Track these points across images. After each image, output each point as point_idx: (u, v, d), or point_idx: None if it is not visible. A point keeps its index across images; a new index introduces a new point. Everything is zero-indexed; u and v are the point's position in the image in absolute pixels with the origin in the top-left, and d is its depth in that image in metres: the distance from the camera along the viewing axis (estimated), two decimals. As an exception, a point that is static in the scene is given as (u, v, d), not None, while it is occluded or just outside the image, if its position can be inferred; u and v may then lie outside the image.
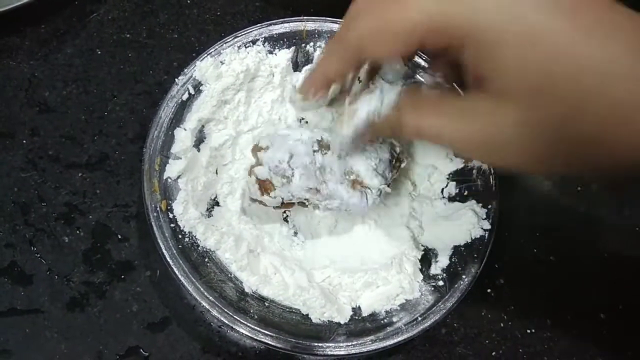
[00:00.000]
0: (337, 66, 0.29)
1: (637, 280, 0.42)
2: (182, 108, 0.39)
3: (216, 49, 0.39)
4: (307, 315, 0.36)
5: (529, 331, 0.40)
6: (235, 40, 0.40)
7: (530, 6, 0.23)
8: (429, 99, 0.29)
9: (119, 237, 0.40)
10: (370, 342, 0.34)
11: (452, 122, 0.26)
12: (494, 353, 0.39)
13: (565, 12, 0.23)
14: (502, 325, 0.40)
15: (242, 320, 0.34)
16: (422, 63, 0.39)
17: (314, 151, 0.34)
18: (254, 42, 0.40)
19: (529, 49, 0.23)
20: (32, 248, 0.39)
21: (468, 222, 0.37)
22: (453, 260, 0.37)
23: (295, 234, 0.39)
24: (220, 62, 0.39)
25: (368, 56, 0.28)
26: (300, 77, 0.41)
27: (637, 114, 0.22)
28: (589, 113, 0.22)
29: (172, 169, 0.37)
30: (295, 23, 0.41)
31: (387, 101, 0.29)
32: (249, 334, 0.34)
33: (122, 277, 0.39)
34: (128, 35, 0.45)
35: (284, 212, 0.39)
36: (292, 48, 0.41)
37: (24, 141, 0.42)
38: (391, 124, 0.29)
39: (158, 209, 0.36)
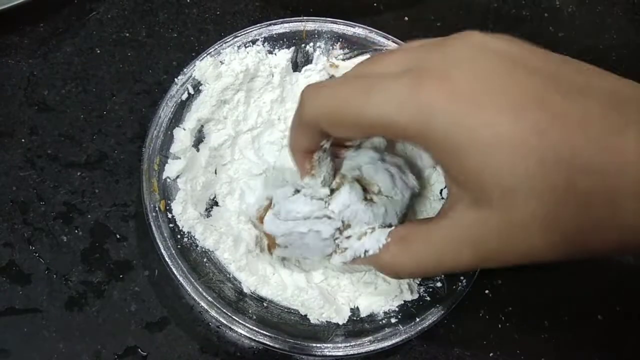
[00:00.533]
0: (306, 141, 0.30)
1: (635, 281, 0.42)
2: (182, 108, 0.39)
3: (216, 48, 0.39)
4: (306, 315, 0.36)
5: (526, 332, 0.40)
6: (235, 40, 0.40)
7: (490, 112, 0.23)
8: (416, 234, 0.29)
9: (118, 236, 0.40)
10: (368, 343, 0.35)
11: (449, 248, 0.27)
12: (491, 354, 0.39)
13: (528, 111, 0.22)
14: (499, 326, 0.40)
15: (240, 321, 0.34)
16: None
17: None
18: (253, 42, 0.40)
19: (498, 154, 0.23)
20: (31, 247, 0.39)
21: (467, 224, 0.37)
22: (451, 261, 0.37)
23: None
24: (220, 61, 0.39)
25: (326, 134, 0.28)
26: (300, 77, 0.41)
27: (612, 203, 0.22)
28: (568, 204, 0.22)
29: (171, 169, 0.37)
30: (295, 23, 0.41)
31: (376, 243, 0.30)
32: (247, 334, 0.34)
33: (121, 276, 0.39)
34: (127, 34, 0.45)
35: None
36: (292, 48, 0.41)
37: (23, 140, 0.42)
38: (381, 268, 0.30)
39: (157, 208, 0.36)
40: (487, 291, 0.41)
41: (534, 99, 0.23)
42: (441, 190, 0.40)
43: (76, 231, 0.39)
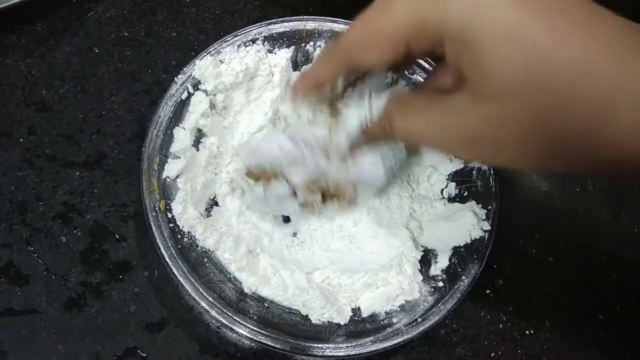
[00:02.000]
0: (327, 71, 0.30)
1: (635, 281, 0.42)
2: (181, 107, 0.38)
3: (215, 47, 0.39)
4: (307, 316, 0.35)
5: (527, 332, 0.40)
6: (235, 39, 0.39)
7: (510, 4, 0.23)
8: (415, 102, 0.29)
9: (117, 236, 0.39)
10: (369, 343, 0.34)
11: (437, 122, 0.27)
12: (492, 354, 0.39)
13: (545, 11, 0.23)
14: (500, 326, 0.40)
15: (241, 321, 0.34)
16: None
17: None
18: (253, 41, 0.40)
19: (509, 47, 0.23)
20: (29, 248, 0.38)
21: (468, 223, 0.37)
22: (453, 261, 0.37)
23: (295, 234, 0.39)
24: (220, 61, 0.39)
25: (357, 62, 0.29)
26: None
27: (613, 114, 0.22)
28: (568, 111, 0.23)
29: (171, 169, 0.37)
30: (295, 22, 0.41)
31: (376, 107, 0.30)
32: (248, 335, 0.34)
33: (120, 277, 0.38)
34: (126, 34, 0.45)
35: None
36: (292, 47, 0.41)
37: (21, 140, 0.41)
38: (381, 129, 0.30)
39: (157, 208, 0.36)
40: (488, 291, 0.40)
41: (556, 2, 0.23)
42: (442, 189, 0.40)
43: (75, 231, 0.39)
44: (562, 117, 0.23)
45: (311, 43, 0.41)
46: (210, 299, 0.34)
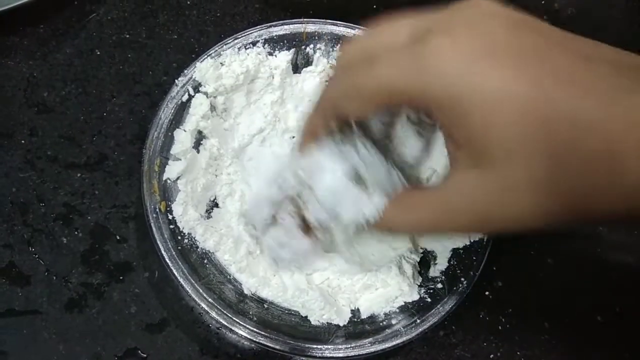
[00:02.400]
0: (319, 123, 0.31)
1: (634, 283, 0.42)
2: (182, 109, 0.39)
3: (216, 50, 0.39)
4: (306, 317, 0.36)
5: (526, 333, 0.40)
6: (236, 41, 0.40)
7: (492, 67, 0.23)
8: (413, 196, 0.29)
9: (118, 238, 0.40)
10: (369, 345, 0.35)
11: (444, 209, 0.26)
12: (491, 355, 0.39)
13: (528, 66, 0.22)
14: (499, 327, 0.40)
15: (241, 322, 0.34)
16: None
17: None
18: (254, 43, 0.40)
19: (499, 112, 0.22)
20: (30, 249, 0.39)
21: (467, 225, 0.37)
22: (452, 262, 0.37)
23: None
24: (220, 63, 0.39)
25: (343, 114, 0.29)
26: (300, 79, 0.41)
27: (618, 165, 0.21)
28: (571, 167, 0.22)
29: (171, 170, 0.37)
30: (295, 25, 0.41)
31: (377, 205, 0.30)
32: (247, 336, 0.34)
33: (121, 278, 0.39)
34: (127, 36, 0.45)
35: None
36: (292, 50, 0.41)
37: (23, 141, 0.41)
38: (382, 228, 0.30)
39: (157, 210, 0.36)
40: (487, 292, 0.41)
41: (537, 56, 0.22)
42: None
43: (76, 232, 0.39)
44: (567, 173, 0.22)
45: (311, 46, 0.42)
46: (210, 300, 0.34)
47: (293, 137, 0.40)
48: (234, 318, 0.34)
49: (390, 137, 0.37)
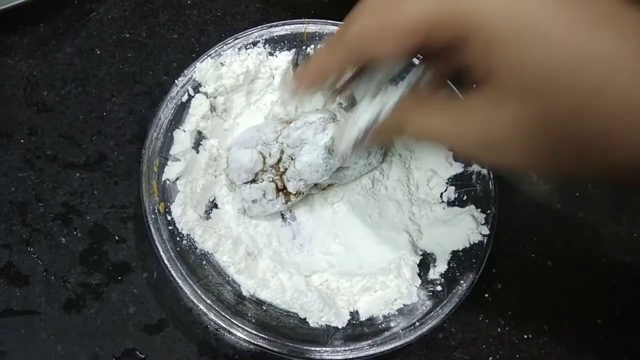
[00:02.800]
0: (336, 61, 0.29)
1: (634, 285, 0.42)
2: (182, 109, 0.38)
3: (216, 50, 0.39)
4: (305, 319, 0.35)
5: (526, 336, 0.40)
6: (236, 41, 0.40)
7: (534, 3, 0.23)
8: (431, 100, 0.28)
9: (116, 238, 0.39)
10: (367, 347, 0.34)
11: (454, 121, 0.26)
12: (490, 358, 0.39)
13: (572, 8, 0.22)
14: (499, 330, 0.40)
15: (239, 324, 0.34)
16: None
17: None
18: (254, 43, 0.40)
19: (533, 44, 0.22)
20: (29, 248, 0.39)
21: (467, 227, 0.37)
22: (451, 265, 0.37)
23: (294, 237, 0.39)
24: (221, 63, 0.39)
25: (369, 55, 0.27)
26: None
27: (638, 115, 0.21)
28: (590, 111, 0.22)
29: (170, 171, 0.37)
30: (296, 25, 0.41)
31: (390, 103, 0.29)
32: (246, 338, 0.34)
33: (119, 278, 0.38)
34: (128, 35, 0.45)
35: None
36: (293, 50, 0.41)
37: (22, 141, 0.41)
38: (395, 124, 0.29)
39: (156, 210, 0.36)
40: (486, 295, 0.40)
41: (584, 1, 0.22)
42: (441, 193, 0.40)
43: (75, 233, 0.39)
44: (585, 116, 0.22)
45: (312, 46, 0.41)
46: (208, 301, 0.34)
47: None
48: (233, 319, 0.34)
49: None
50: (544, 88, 0.23)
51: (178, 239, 0.36)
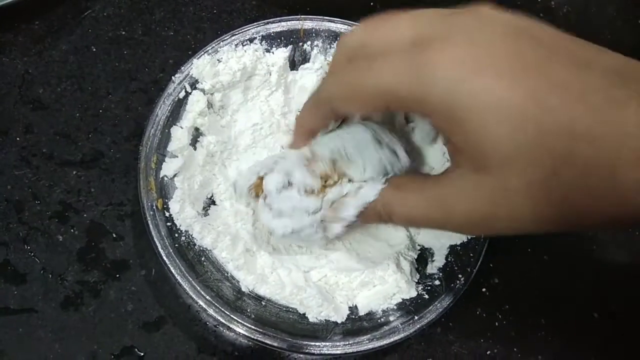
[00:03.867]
0: (314, 121, 0.31)
1: (630, 280, 0.42)
2: (179, 106, 0.38)
3: (213, 46, 0.39)
4: (304, 314, 0.36)
5: (523, 330, 0.40)
6: (233, 38, 0.39)
7: (492, 77, 0.23)
8: (411, 185, 0.29)
9: (114, 235, 0.39)
10: (367, 341, 0.35)
11: (439, 205, 0.27)
12: (488, 352, 0.39)
13: (528, 78, 0.23)
14: (496, 324, 0.40)
15: (239, 320, 0.34)
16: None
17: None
18: (251, 40, 0.40)
19: (497, 121, 0.23)
20: (26, 246, 0.38)
21: (464, 222, 0.37)
22: (449, 259, 0.37)
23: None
24: (217, 60, 0.39)
25: (340, 112, 0.30)
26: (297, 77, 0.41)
27: (617, 172, 0.22)
28: (569, 176, 0.22)
29: (168, 167, 0.37)
30: (292, 22, 0.41)
31: (372, 191, 0.30)
32: (245, 333, 0.34)
33: (117, 276, 0.38)
34: (123, 33, 0.45)
35: None
36: (290, 47, 0.41)
37: (18, 138, 0.41)
38: (381, 215, 0.30)
39: (154, 207, 0.36)
40: (484, 289, 0.41)
41: (535, 67, 0.23)
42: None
43: (72, 230, 0.39)
44: (562, 180, 0.23)
45: (308, 42, 0.41)
46: (207, 297, 0.34)
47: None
48: (232, 315, 0.34)
49: (394, 122, 0.37)
50: (518, 161, 0.23)
51: (176, 235, 0.36)
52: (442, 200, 0.26)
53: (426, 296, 0.36)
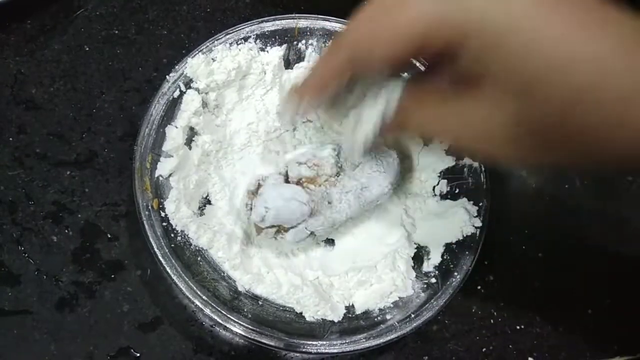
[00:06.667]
0: (335, 66, 0.29)
1: (623, 275, 0.42)
2: (173, 105, 0.38)
3: (207, 45, 0.39)
4: (301, 313, 0.36)
5: (518, 327, 0.40)
6: (227, 37, 0.39)
7: (528, 5, 0.23)
8: (431, 96, 0.29)
9: (109, 236, 0.39)
10: (363, 340, 0.35)
11: (455, 119, 0.27)
12: (484, 349, 0.40)
13: (567, 12, 0.23)
14: (492, 321, 0.40)
15: (235, 319, 0.34)
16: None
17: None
18: (245, 39, 0.40)
19: (528, 44, 0.23)
20: (20, 248, 0.38)
21: (460, 220, 0.37)
22: (445, 257, 0.38)
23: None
24: (212, 59, 0.39)
25: (365, 58, 0.27)
26: (291, 76, 0.41)
27: (627, 110, 0.22)
28: (582, 108, 0.23)
29: (163, 167, 0.37)
30: (287, 20, 0.41)
31: (392, 100, 0.29)
32: (242, 333, 0.34)
33: (112, 276, 0.38)
34: (116, 32, 0.45)
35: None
36: (284, 45, 0.41)
37: (11, 139, 0.41)
38: (398, 123, 0.29)
39: (150, 207, 0.36)
40: (479, 287, 0.41)
41: (579, 4, 0.23)
42: (434, 187, 0.40)
43: (66, 231, 0.39)
44: (577, 114, 0.23)
45: (303, 41, 0.41)
46: (204, 297, 0.34)
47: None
48: (229, 315, 0.34)
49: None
50: (539, 86, 0.23)
51: (172, 235, 0.36)
52: (459, 116, 0.27)
53: (422, 294, 0.37)
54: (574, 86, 0.23)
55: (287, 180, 0.36)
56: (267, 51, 0.41)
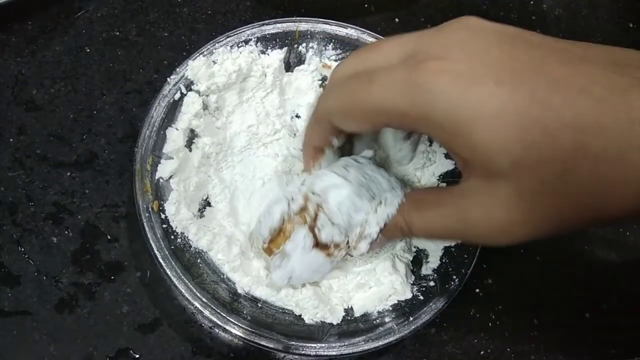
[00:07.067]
0: (318, 137, 0.32)
1: (620, 280, 0.43)
2: (174, 107, 0.38)
3: (208, 48, 0.39)
4: (300, 316, 0.36)
5: (516, 330, 0.41)
6: (228, 39, 0.39)
7: (490, 86, 0.23)
8: (429, 197, 0.29)
9: (109, 237, 0.39)
10: (362, 343, 0.35)
11: (456, 215, 0.27)
12: (482, 352, 0.40)
13: (526, 82, 0.23)
14: (490, 324, 0.40)
15: (234, 321, 0.34)
16: None
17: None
18: (246, 41, 0.40)
19: (501, 128, 0.23)
20: (20, 248, 0.38)
21: (459, 223, 0.37)
22: (444, 261, 0.38)
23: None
24: (213, 61, 0.39)
25: (339, 128, 0.30)
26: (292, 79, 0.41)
27: (625, 163, 0.22)
28: (579, 171, 0.23)
29: (164, 169, 0.37)
30: (287, 23, 0.41)
31: (391, 208, 0.31)
32: (241, 335, 0.34)
33: (112, 278, 0.38)
34: (117, 33, 0.45)
35: None
36: (285, 48, 0.41)
37: (11, 140, 0.41)
38: (400, 229, 0.30)
39: (150, 209, 0.36)
40: (478, 290, 0.41)
41: (533, 68, 0.23)
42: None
43: (66, 232, 0.39)
44: (576, 175, 0.23)
45: (304, 44, 0.41)
46: (203, 299, 0.34)
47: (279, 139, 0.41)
48: (228, 317, 0.34)
49: (379, 144, 0.37)
50: (527, 162, 0.23)
51: (172, 237, 0.36)
52: (460, 211, 0.27)
53: (421, 297, 0.37)
54: (560, 157, 0.22)
55: (316, 243, 0.33)
56: (268, 54, 0.41)
